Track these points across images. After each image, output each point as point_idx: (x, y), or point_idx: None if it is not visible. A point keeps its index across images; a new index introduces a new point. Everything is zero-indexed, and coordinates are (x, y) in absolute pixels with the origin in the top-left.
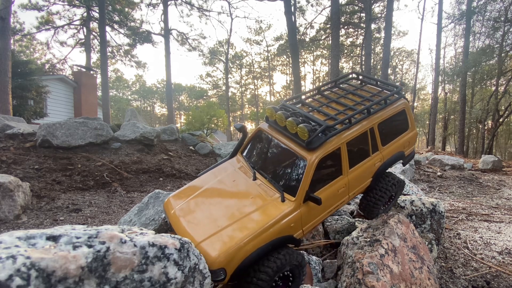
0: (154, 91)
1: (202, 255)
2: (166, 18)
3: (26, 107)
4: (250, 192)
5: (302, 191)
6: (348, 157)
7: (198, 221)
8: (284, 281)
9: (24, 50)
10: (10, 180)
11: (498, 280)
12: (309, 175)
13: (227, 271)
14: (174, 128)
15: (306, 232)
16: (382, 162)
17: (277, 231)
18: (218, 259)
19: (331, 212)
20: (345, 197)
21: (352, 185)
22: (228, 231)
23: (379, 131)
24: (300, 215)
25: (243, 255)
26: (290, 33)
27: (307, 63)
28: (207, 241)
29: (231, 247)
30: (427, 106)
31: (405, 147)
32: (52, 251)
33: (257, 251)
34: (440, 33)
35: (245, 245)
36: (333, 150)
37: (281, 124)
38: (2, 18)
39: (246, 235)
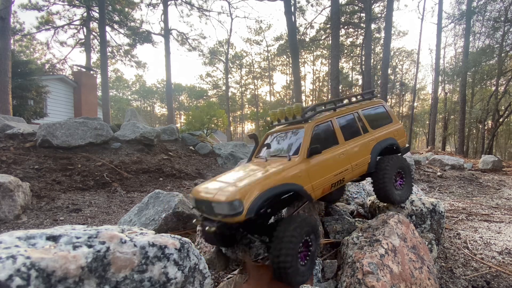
0: (154, 91)
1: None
2: (166, 18)
3: (26, 107)
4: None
5: (304, 148)
6: (341, 131)
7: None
8: (305, 247)
9: (24, 50)
10: (10, 180)
11: (498, 280)
12: (308, 136)
13: (244, 204)
14: (174, 128)
15: (316, 191)
16: (376, 142)
17: (288, 177)
18: (234, 193)
19: (338, 177)
20: (347, 165)
21: (351, 156)
22: (242, 181)
23: (364, 116)
24: (307, 169)
25: (258, 190)
26: (290, 33)
27: (307, 63)
28: (224, 189)
29: (244, 185)
30: (427, 106)
31: (395, 135)
32: (52, 251)
33: (271, 190)
34: (440, 33)
35: (259, 184)
36: (326, 121)
37: (282, 116)
38: (2, 18)
39: (258, 178)
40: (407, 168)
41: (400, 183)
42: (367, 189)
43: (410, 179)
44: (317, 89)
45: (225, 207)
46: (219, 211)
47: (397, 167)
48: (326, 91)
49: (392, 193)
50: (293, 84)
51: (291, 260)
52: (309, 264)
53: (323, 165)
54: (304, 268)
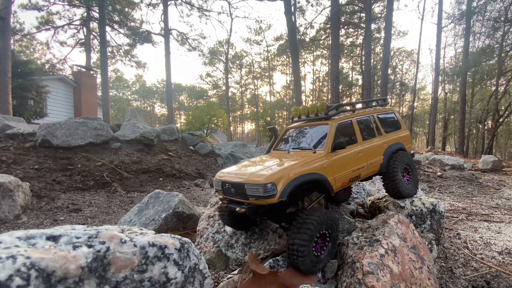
0: (154, 91)
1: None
2: (166, 18)
3: (26, 107)
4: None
5: (329, 143)
6: (359, 131)
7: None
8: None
9: (24, 50)
10: (10, 180)
11: (498, 280)
12: (332, 132)
13: (277, 187)
14: (174, 128)
15: (337, 183)
16: (389, 145)
17: (315, 167)
18: (268, 177)
19: (355, 173)
20: (364, 164)
21: (368, 155)
22: (273, 167)
23: (379, 120)
24: (331, 162)
25: (290, 176)
26: (290, 33)
27: (307, 63)
28: (256, 173)
29: (277, 171)
30: (427, 106)
31: (403, 141)
32: (52, 251)
33: (301, 177)
34: (440, 33)
35: (290, 171)
36: (347, 121)
37: (304, 113)
38: (2, 18)
39: (289, 165)
40: (413, 164)
41: (408, 178)
42: (367, 189)
43: (416, 175)
44: (317, 89)
45: (260, 189)
46: (252, 193)
47: (404, 163)
48: (326, 91)
49: (402, 187)
50: (293, 84)
51: (304, 250)
52: (324, 256)
53: (344, 160)
54: (317, 259)
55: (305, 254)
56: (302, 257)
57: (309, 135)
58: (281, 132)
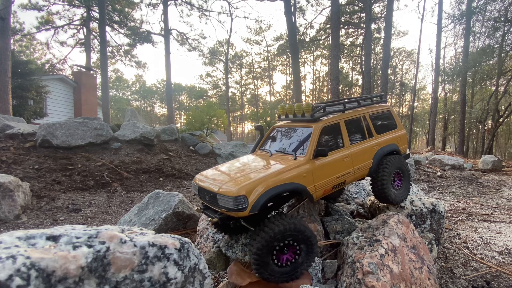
0: (154, 91)
1: (224, 194)
2: (166, 18)
3: (26, 107)
4: (267, 160)
5: (311, 149)
6: (347, 133)
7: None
8: (291, 250)
9: (24, 50)
10: (10, 180)
11: (498, 280)
12: (315, 137)
13: (249, 200)
14: (174, 128)
15: (318, 191)
16: (380, 147)
17: (292, 176)
18: (239, 189)
19: (340, 179)
20: (350, 169)
21: (355, 159)
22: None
23: (371, 121)
24: (311, 169)
25: (264, 188)
26: (290, 33)
27: (307, 63)
28: (229, 183)
29: (250, 182)
30: (427, 106)
31: (398, 142)
32: (52, 251)
33: (275, 188)
34: (440, 33)
35: (264, 181)
36: (334, 123)
37: (291, 112)
38: (2, 18)
39: (264, 175)
40: (406, 169)
41: (398, 184)
42: (367, 189)
43: (408, 180)
44: (317, 89)
45: (230, 202)
46: (223, 204)
47: (395, 168)
48: (326, 91)
49: (389, 193)
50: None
51: (258, 258)
52: (288, 269)
53: (327, 167)
54: (279, 269)
55: (259, 263)
56: (256, 265)
57: (293, 137)
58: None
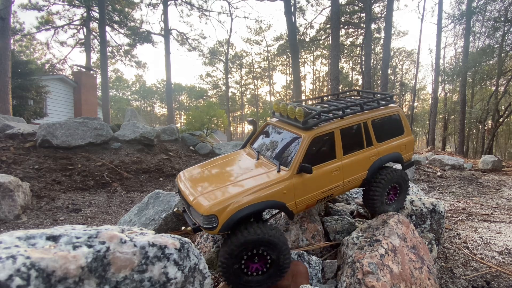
0: (154, 91)
1: (196, 209)
2: (166, 18)
3: (26, 107)
4: (251, 166)
5: (296, 163)
6: (342, 143)
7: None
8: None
9: (24, 50)
10: (10, 180)
11: (498, 280)
12: (303, 149)
13: (219, 219)
14: (174, 128)
15: (299, 207)
16: (378, 158)
17: (270, 194)
18: (210, 207)
19: (326, 193)
20: (339, 182)
21: (346, 172)
22: (224, 189)
23: (373, 127)
24: (293, 185)
25: (236, 207)
26: (290, 33)
27: (307, 63)
28: (204, 195)
29: (223, 199)
30: (427, 106)
31: (402, 150)
32: (52, 251)
33: (249, 207)
34: (440, 33)
35: (239, 199)
36: (327, 132)
37: (284, 112)
38: (2, 18)
39: (239, 192)
40: (404, 182)
41: (392, 198)
42: None
43: (404, 194)
44: (317, 89)
45: (200, 219)
46: (195, 217)
47: (392, 182)
48: (326, 91)
49: (378, 207)
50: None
51: (225, 265)
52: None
53: (312, 182)
54: (251, 279)
55: (226, 270)
56: (224, 272)
57: (282, 141)
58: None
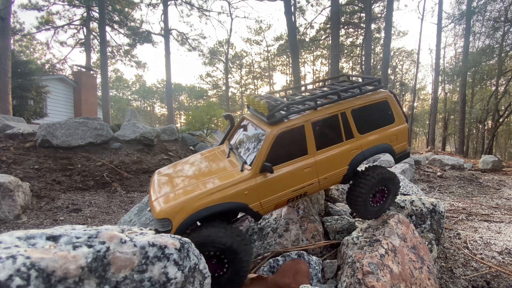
0: (154, 91)
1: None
2: (166, 18)
3: (26, 107)
4: (219, 165)
5: (258, 162)
6: (314, 138)
7: (165, 185)
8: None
9: (24, 50)
10: (10, 180)
11: (498, 280)
12: (266, 146)
13: (173, 223)
14: (174, 128)
15: (266, 207)
16: (360, 151)
17: (229, 195)
18: (163, 210)
19: (297, 192)
20: (313, 180)
21: (321, 169)
22: (183, 191)
23: (354, 117)
24: (256, 186)
25: (190, 210)
26: (290, 33)
27: (307, 63)
28: (162, 197)
29: (178, 202)
30: (427, 106)
31: (392, 140)
32: (52, 251)
33: (205, 210)
34: (440, 33)
35: (193, 202)
36: (296, 127)
37: (252, 105)
38: (2, 18)
39: (196, 194)
40: (394, 185)
41: (378, 201)
42: None
43: (393, 197)
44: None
45: (155, 221)
46: (153, 218)
47: (379, 185)
48: None
49: (361, 210)
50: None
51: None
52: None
53: (278, 182)
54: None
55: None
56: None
57: (250, 138)
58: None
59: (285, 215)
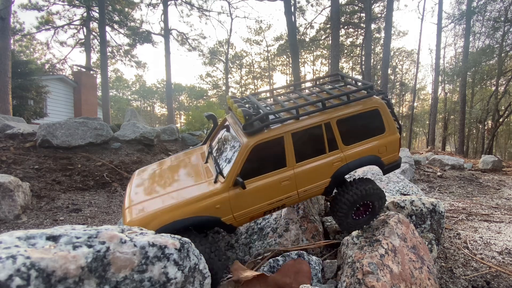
0: (154, 91)
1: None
2: (166, 18)
3: (26, 107)
4: (195, 172)
5: (232, 174)
6: (294, 149)
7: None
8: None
9: (24, 50)
10: (10, 180)
11: (498, 280)
12: (241, 159)
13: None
14: (174, 128)
15: (240, 220)
16: (344, 163)
17: (199, 208)
18: (132, 222)
19: (275, 205)
20: (292, 193)
21: (300, 181)
22: (155, 201)
23: (338, 128)
24: (229, 199)
25: (157, 224)
26: (290, 33)
27: (307, 63)
28: (133, 206)
29: (147, 214)
30: (427, 106)
31: (380, 152)
32: (52, 251)
33: (173, 224)
34: (440, 33)
35: (162, 215)
36: (274, 138)
37: (232, 108)
38: (2, 18)
39: (165, 206)
40: (379, 201)
41: (361, 214)
42: None
43: (376, 214)
44: None
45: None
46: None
47: (364, 200)
48: None
49: (342, 223)
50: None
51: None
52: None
53: (253, 195)
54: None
55: None
56: None
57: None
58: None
59: (285, 215)
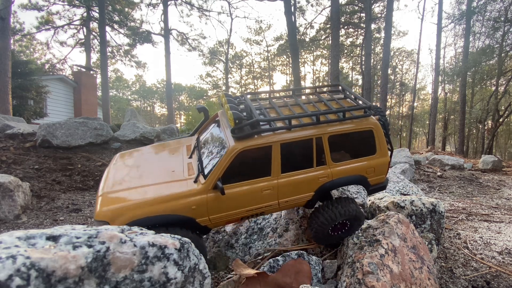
0: (154, 91)
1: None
2: (166, 18)
3: (26, 107)
4: (177, 167)
5: (213, 177)
6: (281, 160)
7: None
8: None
9: (24, 50)
10: (10, 180)
11: (498, 280)
12: (225, 162)
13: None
14: (174, 128)
15: (215, 223)
16: (330, 179)
17: (174, 207)
18: (102, 213)
19: (253, 212)
20: (272, 202)
21: (283, 192)
22: (129, 192)
23: (329, 144)
24: (206, 201)
25: (129, 217)
26: (290, 33)
27: (307, 63)
28: (107, 195)
29: (120, 206)
30: (427, 106)
31: (368, 172)
32: (52, 251)
33: (145, 219)
34: (440, 33)
35: (134, 209)
36: (262, 146)
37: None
38: (2, 18)
39: (139, 200)
40: (357, 222)
41: (338, 230)
42: None
43: (351, 232)
44: None
45: (94, 221)
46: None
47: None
48: None
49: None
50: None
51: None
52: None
53: (231, 200)
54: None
55: None
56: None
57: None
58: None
59: (285, 215)
